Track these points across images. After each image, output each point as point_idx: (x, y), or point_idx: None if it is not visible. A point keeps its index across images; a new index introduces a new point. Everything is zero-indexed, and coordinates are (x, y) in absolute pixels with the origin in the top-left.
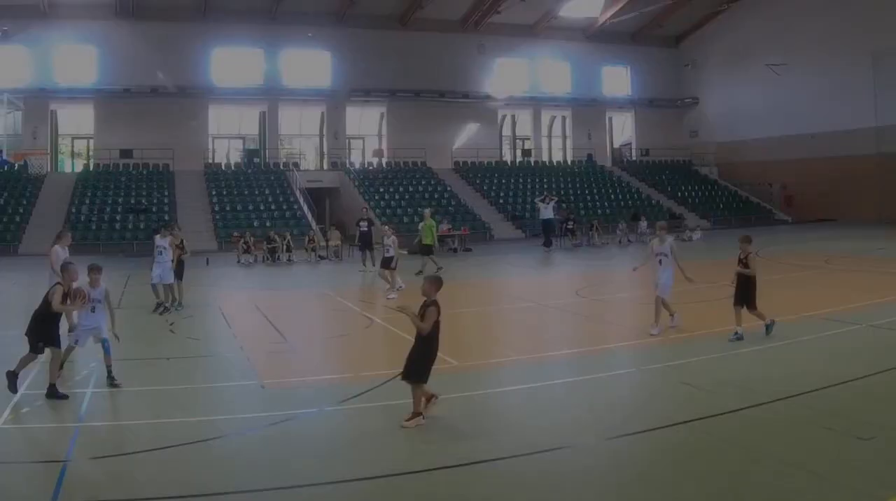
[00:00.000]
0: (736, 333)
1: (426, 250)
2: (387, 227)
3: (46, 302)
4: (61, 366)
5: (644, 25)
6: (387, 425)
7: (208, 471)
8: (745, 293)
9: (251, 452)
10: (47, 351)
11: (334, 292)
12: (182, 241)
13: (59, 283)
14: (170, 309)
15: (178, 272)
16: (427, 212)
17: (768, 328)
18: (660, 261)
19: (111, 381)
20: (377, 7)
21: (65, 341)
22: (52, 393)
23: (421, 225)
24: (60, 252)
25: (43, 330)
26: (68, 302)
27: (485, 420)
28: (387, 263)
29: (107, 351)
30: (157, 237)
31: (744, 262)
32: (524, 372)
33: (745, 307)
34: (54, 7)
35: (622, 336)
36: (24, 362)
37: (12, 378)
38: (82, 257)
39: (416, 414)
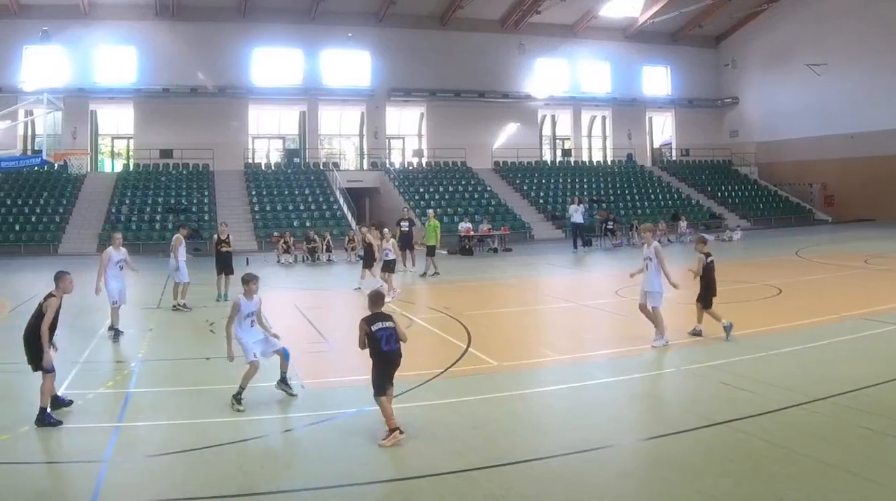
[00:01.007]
0: (695, 329)
1: (429, 251)
2: (387, 230)
3: (39, 315)
4: (239, 394)
5: (684, 25)
6: (426, 424)
7: (248, 471)
8: (703, 292)
9: (291, 452)
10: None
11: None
12: (228, 236)
13: (52, 295)
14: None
15: (225, 267)
16: (431, 212)
17: (727, 328)
18: (646, 266)
19: (286, 389)
20: (417, 7)
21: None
22: (43, 420)
23: (425, 224)
24: (114, 254)
25: (38, 347)
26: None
27: (524, 420)
28: (388, 267)
29: (286, 357)
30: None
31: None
32: (564, 372)
33: (704, 306)
34: (94, 7)
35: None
36: (46, 389)
37: (43, 414)
38: None
39: (391, 430)
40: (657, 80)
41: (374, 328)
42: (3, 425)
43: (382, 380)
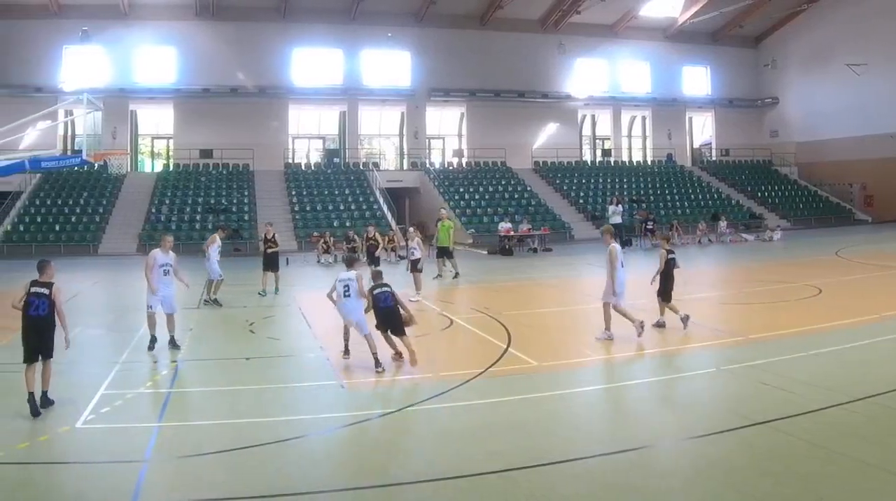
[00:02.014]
0: (658, 320)
1: (443, 252)
2: (412, 230)
3: (53, 305)
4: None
5: (724, 25)
6: (466, 425)
7: (288, 472)
8: (663, 286)
9: (331, 452)
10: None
11: (414, 292)
12: (274, 236)
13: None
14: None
15: (271, 265)
16: (444, 212)
17: (684, 320)
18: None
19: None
20: (457, 7)
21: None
22: (44, 404)
23: (437, 225)
24: (160, 257)
25: (51, 336)
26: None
27: (564, 420)
28: (413, 265)
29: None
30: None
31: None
32: (603, 373)
33: (665, 300)
34: (134, 8)
35: (702, 336)
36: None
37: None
38: None
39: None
40: (697, 80)
41: (375, 292)
42: (43, 425)
43: (382, 326)
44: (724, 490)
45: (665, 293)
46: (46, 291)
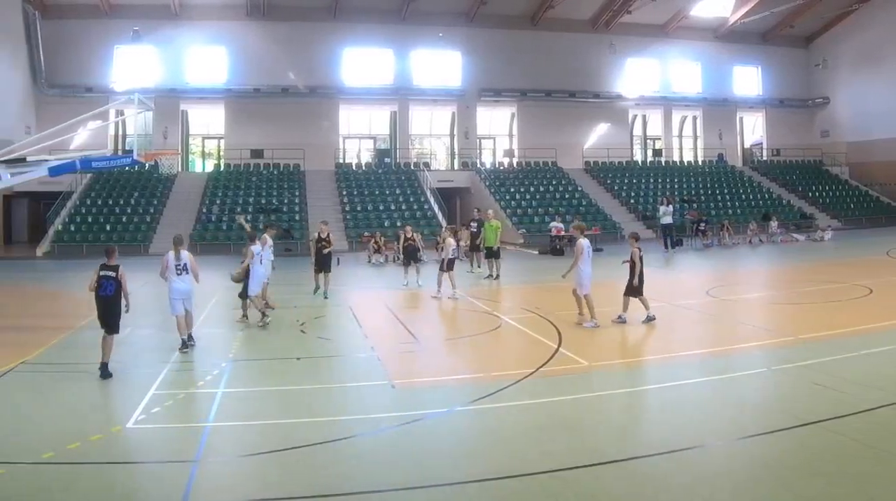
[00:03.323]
0: (620, 317)
1: (491, 253)
2: (444, 231)
3: (120, 285)
4: None
5: (775, 25)
6: (517, 425)
7: (339, 471)
8: (633, 283)
9: (382, 452)
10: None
11: (464, 292)
12: (329, 235)
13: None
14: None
15: (324, 265)
16: (490, 212)
17: (648, 319)
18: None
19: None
20: (507, 7)
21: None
22: (103, 375)
23: (484, 225)
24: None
25: (117, 313)
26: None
27: (615, 420)
28: (450, 265)
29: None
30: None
31: (631, 256)
32: (654, 373)
33: (634, 296)
34: (185, 8)
35: (753, 336)
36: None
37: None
38: (210, 257)
39: None
40: (748, 79)
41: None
42: (95, 425)
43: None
44: (777, 490)
45: (637, 289)
46: (114, 274)
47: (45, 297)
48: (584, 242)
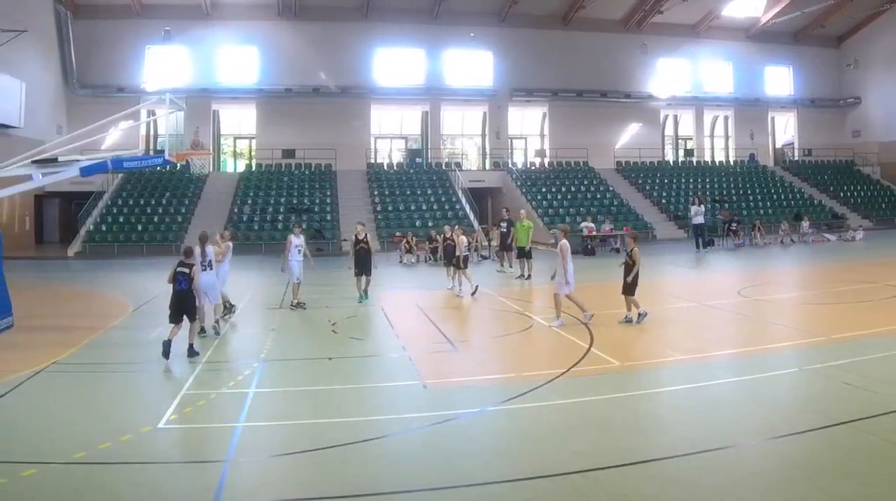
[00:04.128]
0: (627, 317)
1: (522, 253)
2: (457, 226)
3: (191, 280)
4: None
5: (806, 25)
6: (548, 425)
7: (370, 471)
8: (627, 281)
9: (414, 452)
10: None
11: (495, 292)
12: (366, 236)
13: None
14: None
15: (364, 267)
16: (522, 212)
17: (640, 316)
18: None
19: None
20: (539, 7)
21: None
22: (190, 354)
23: (516, 225)
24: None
25: (191, 305)
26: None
27: (647, 419)
28: (465, 262)
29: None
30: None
31: (630, 255)
32: (686, 372)
33: (630, 294)
34: (216, 8)
35: (785, 336)
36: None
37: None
38: (242, 257)
39: None
40: (779, 79)
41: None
42: (125, 425)
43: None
44: (808, 491)
45: (632, 288)
46: (188, 271)
47: (76, 297)
48: (566, 243)
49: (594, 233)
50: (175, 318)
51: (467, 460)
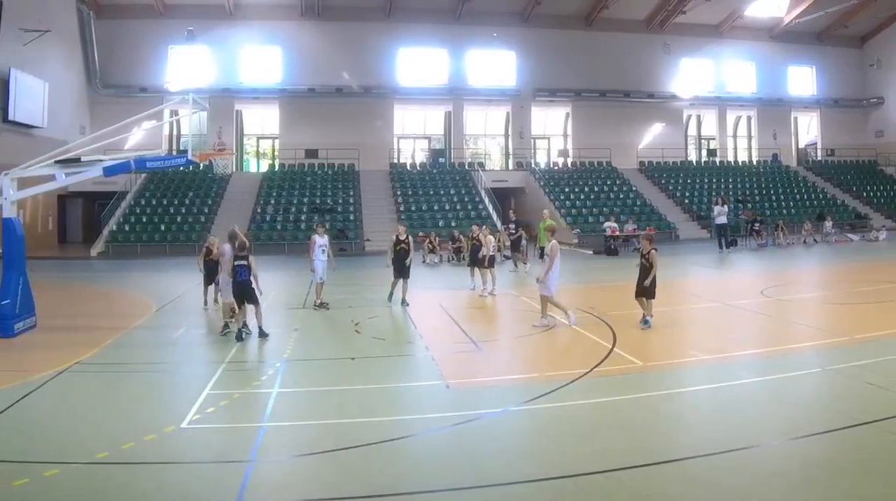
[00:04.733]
0: (645, 320)
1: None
2: (484, 226)
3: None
4: None
5: (829, 25)
6: (571, 425)
7: (393, 471)
8: (644, 284)
9: (437, 452)
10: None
11: (518, 292)
12: (407, 237)
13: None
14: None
15: (402, 270)
16: (546, 212)
17: (646, 322)
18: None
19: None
20: (562, 7)
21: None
22: (262, 335)
23: (539, 225)
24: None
25: (252, 291)
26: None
27: (670, 419)
28: (491, 262)
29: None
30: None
31: (645, 257)
32: (709, 372)
33: (645, 297)
34: (239, 8)
35: (807, 336)
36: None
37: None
38: (265, 257)
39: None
40: (802, 80)
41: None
42: (149, 425)
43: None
44: (831, 491)
45: (649, 291)
46: (245, 262)
47: (99, 297)
48: (556, 243)
49: (617, 232)
50: (240, 305)
51: (490, 460)
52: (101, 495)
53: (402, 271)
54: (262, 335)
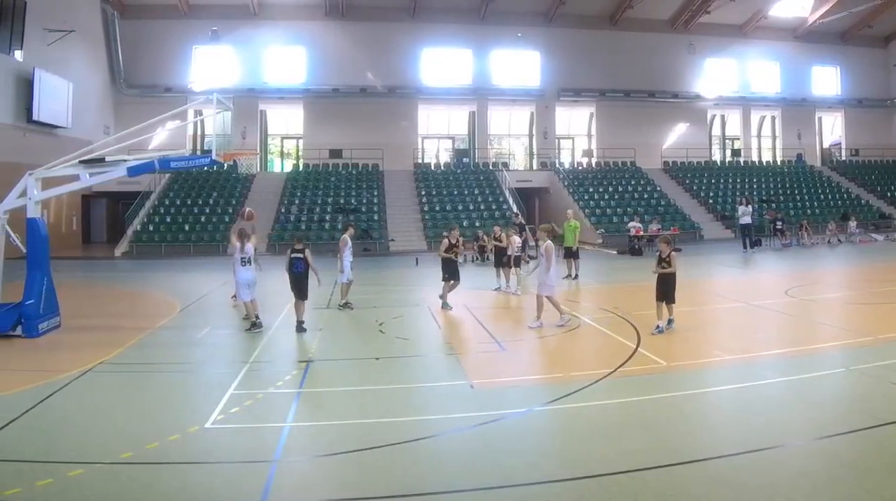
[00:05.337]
0: (658, 327)
1: (569, 253)
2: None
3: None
4: None
5: (853, 25)
6: (596, 425)
7: (418, 471)
8: (665, 289)
9: (462, 452)
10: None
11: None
12: (459, 241)
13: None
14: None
15: (455, 273)
16: (570, 212)
17: (670, 322)
18: (540, 262)
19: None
20: (586, 7)
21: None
22: (299, 330)
23: (563, 225)
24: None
25: (305, 285)
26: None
27: (694, 420)
28: (517, 262)
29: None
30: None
31: (666, 261)
32: (733, 373)
33: (665, 302)
34: (263, 8)
35: (832, 336)
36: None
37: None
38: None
39: None
40: (827, 80)
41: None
42: (172, 425)
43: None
44: (855, 491)
45: (670, 295)
46: (302, 256)
47: (123, 297)
48: (550, 244)
49: (641, 232)
50: (298, 296)
51: (514, 460)
52: (125, 495)
53: (453, 275)
54: (301, 330)
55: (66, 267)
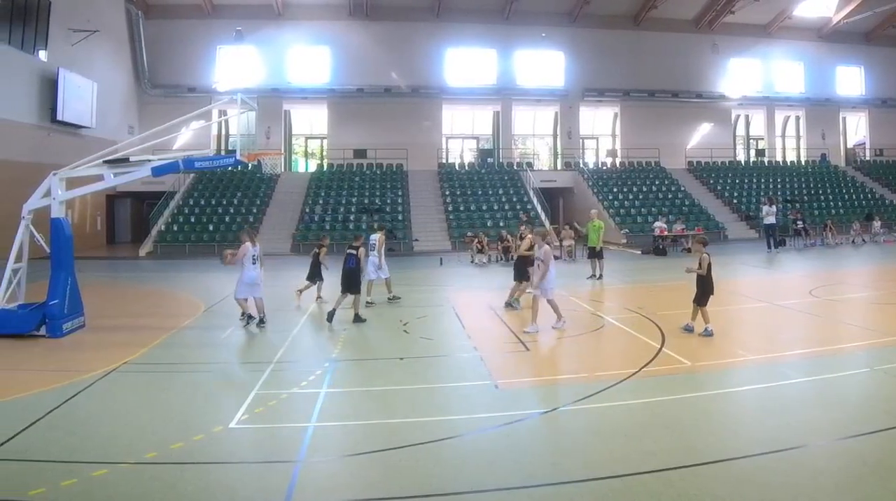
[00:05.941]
0: (687, 325)
1: (593, 253)
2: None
3: (358, 261)
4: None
5: (878, 25)
6: (621, 424)
7: (442, 471)
8: (698, 291)
9: (486, 452)
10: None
11: (567, 292)
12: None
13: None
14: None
15: (525, 273)
16: (594, 212)
17: (705, 330)
18: (537, 266)
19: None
20: (610, 7)
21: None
22: (329, 318)
23: (587, 225)
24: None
25: (357, 280)
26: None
27: (717, 419)
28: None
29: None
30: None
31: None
32: (757, 373)
33: (696, 304)
34: (287, 7)
35: (856, 336)
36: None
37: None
38: None
39: None
40: (851, 80)
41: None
42: (197, 425)
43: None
44: (878, 491)
45: (704, 299)
46: (354, 252)
47: (147, 297)
48: (549, 249)
49: (666, 232)
50: (344, 290)
51: (539, 460)
52: (149, 495)
53: (524, 275)
54: (358, 320)
55: (91, 267)
